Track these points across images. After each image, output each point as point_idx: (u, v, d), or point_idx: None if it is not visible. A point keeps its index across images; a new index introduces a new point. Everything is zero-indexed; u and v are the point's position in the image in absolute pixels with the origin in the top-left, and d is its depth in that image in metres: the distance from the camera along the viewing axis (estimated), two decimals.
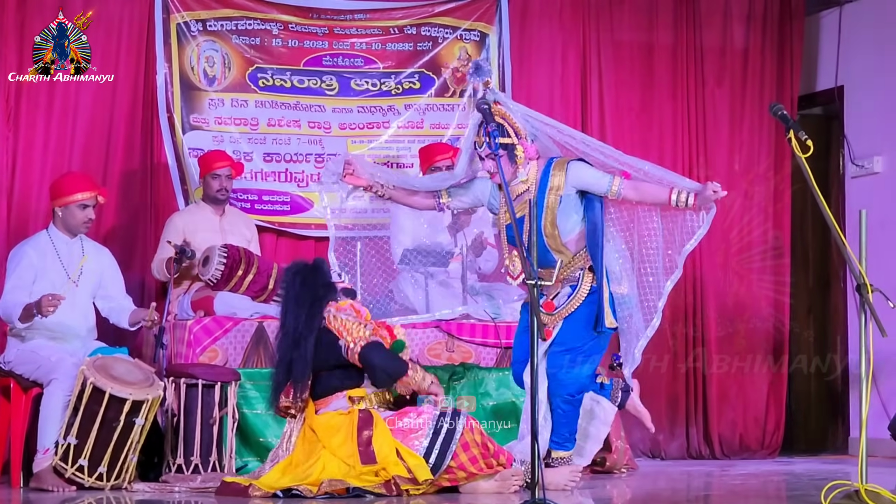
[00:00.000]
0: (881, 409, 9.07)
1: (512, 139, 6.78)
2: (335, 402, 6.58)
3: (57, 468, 6.86)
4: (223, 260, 7.92)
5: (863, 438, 5.43)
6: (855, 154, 9.86)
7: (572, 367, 6.84)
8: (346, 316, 6.61)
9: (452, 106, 9.41)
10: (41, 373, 7.15)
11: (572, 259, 6.88)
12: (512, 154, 6.77)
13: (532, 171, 6.87)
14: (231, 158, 8.58)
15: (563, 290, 6.93)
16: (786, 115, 5.77)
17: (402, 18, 9.36)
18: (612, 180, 6.81)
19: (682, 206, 6.78)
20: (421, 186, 7.29)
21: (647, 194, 6.86)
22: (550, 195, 6.81)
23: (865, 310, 5.43)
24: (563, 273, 6.89)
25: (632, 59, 9.76)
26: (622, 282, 6.94)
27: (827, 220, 5.55)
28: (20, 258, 7.41)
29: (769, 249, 9.75)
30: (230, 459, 7.26)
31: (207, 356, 7.65)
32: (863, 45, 9.84)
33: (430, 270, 8.11)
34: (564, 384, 6.85)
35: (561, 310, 6.89)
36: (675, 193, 6.77)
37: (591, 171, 6.86)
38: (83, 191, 7.49)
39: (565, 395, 6.87)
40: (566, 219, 6.85)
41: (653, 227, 6.98)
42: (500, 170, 6.37)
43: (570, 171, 6.84)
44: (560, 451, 6.93)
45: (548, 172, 6.85)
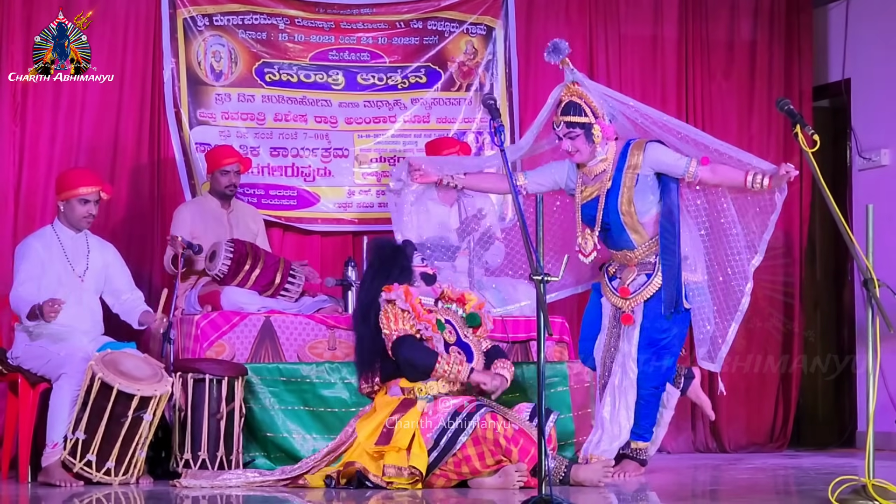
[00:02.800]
0: (888, 404, 9.07)
1: (589, 118, 6.93)
2: (392, 388, 6.80)
3: (65, 463, 6.88)
4: (230, 255, 7.94)
5: (870, 433, 5.44)
6: (862, 147, 9.85)
7: (657, 360, 6.99)
8: (394, 306, 6.77)
9: (459, 100, 9.40)
10: (49, 368, 7.16)
11: (648, 242, 6.99)
12: (589, 133, 6.95)
13: (611, 151, 7.03)
14: (239, 154, 8.57)
15: (638, 277, 7.07)
16: (792, 111, 5.79)
17: (408, 13, 9.36)
18: (690, 162, 6.94)
19: (758, 187, 6.89)
20: (489, 166, 7.38)
21: (723, 176, 7.02)
22: (627, 174, 6.94)
23: (872, 304, 5.44)
24: (638, 257, 7.01)
25: (639, 53, 9.75)
26: (696, 269, 7.05)
27: (834, 216, 5.55)
28: (27, 251, 7.41)
29: (778, 245, 9.73)
30: (237, 454, 7.27)
31: (214, 351, 7.65)
32: (870, 37, 9.82)
33: (436, 265, 8.10)
34: (649, 377, 7.04)
35: (636, 295, 7.01)
36: (751, 175, 6.91)
37: (669, 152, 7.02)
38: (85, 185, 7.48)
39: (650, 388, 7.11)
40: (643, 198, 7.02)
41: (728, 214, 7.12)
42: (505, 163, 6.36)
43: (648, 152, 7.00)
44: (640, 441, 7.15)
45: (625, 153, 7.01)
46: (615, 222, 7.06)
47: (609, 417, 7.10)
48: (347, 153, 9.22)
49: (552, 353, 8.06)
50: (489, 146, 9.29)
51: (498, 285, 8.15)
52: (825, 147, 6.45)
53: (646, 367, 7.05)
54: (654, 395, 7.12)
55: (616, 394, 7.10)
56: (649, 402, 7.12)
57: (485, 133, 9.29)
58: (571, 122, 6.98)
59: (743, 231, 7.13)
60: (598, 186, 7.05)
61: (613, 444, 7.09)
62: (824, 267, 10.49)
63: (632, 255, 7.11)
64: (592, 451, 7.09)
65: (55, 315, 6.98)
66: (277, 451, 7.54)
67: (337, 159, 9.20)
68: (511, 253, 7.97)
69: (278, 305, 8.07)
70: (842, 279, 10.37)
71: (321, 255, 9.18)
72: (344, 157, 9.22)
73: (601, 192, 7.03)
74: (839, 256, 10.35)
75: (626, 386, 7.08)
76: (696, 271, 7.11)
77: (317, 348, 7.87)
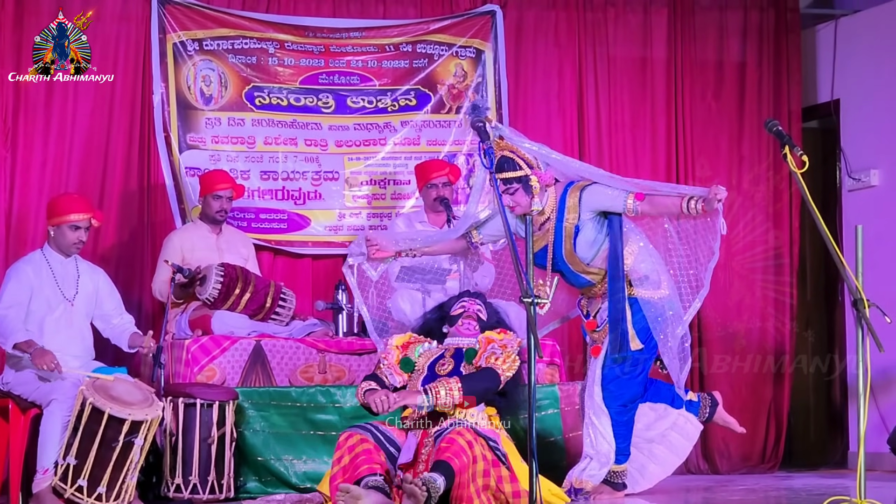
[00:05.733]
0: (880, 424, 9.07)
1: (524, 170, 6.86)
2: None
3: (56, 488, 6.85)
4: (220, 279, 7.94)
5: (861, 453, 5.43)
6: (851, 167, 9.86)
7: (622, 377, 6.98)
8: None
9: (448, 122, 9.41)
10: (40, 393, 7.13)
11: (605, 276, 6.97)
12: (527, 185, 6.87)
13: (550, 198, 6.99)
14: (233, 180, 8.57)
15: (603, 306, 7.07)
16: (781, 132, 5.80)
17: (397, 36, 9.38)
18: (627, 196, 6.90)
19: (694, 212, 6.85)
20: (445, 238, 7.43)
21: (661, 206, 6.98)
22: (567, 225, 6.92)
23: (862, 325, 5.44)
24: (600, 289, 7.07)
25: (628, 75, 9.77)
26: (660, 284, 7.03)
27: (823, 236, 5.56)
28: (17, 274, 7.38)
29: (770, 266, 9.74)
30: (229, 479, 7.25)
31: (205, 375, 7.65)
32: (859, 58, 9.84)
33: (427, 287, 8.10)
34: (616, 395, 7.02)
35: (605, 326, 7.04)
36: (686, 201, 6.85)
37: (605, 192, 6.99)
38: (76, 212, 7.45)
39: (617, 407, 7.05)
40: (588, 245, 7.01)
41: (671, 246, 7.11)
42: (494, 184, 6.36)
43: (584, 197, 6.99)
44: (615, 464, 7.09)
45: (564, 199, 6.94)
46: (566, 270, 7.09)
47: (590, 444, 7.10)
48: (338, 176, 9.23)
49: (543, 375, 8.06)
50: (479, 167, 9.30)
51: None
52: (815, 168, 6.47)
53: (609, 386, 7.03)
54: (623, 414, 7.07)
55: (590, 420, 7.12)
56: (619, 421, 7.06)
57: (475, 155, 9.29)
58: (508, 178, 6.88)
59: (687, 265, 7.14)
60: (544, 237, 7.05)
61: (602, 469, 7.08)
62: (815, 287, 10.49)
63: (595, 289, 7.16)
64: (578, 476, 7.07)
65: (45, 368, 6.98)
66: (269, 475, 7.52)
67: (327, 182, 9.21)
68: (501, 275, 7.97)
69: (269, 329, 8.07)
70: (832, 299, 10.38)
71: (313, 278, 9.18)
72: (334, 180, 9.23)
73: (548, 241, 7.03)
74: (829, 277, 10.36)
75: (596, 411, 7.07)
76: (659, 287, 7.08)
77: (307, 372, 7.87)
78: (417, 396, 6.49)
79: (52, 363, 6.97)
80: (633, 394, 7.10)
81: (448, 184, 8.57)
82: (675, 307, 7.05)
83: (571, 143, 9.53)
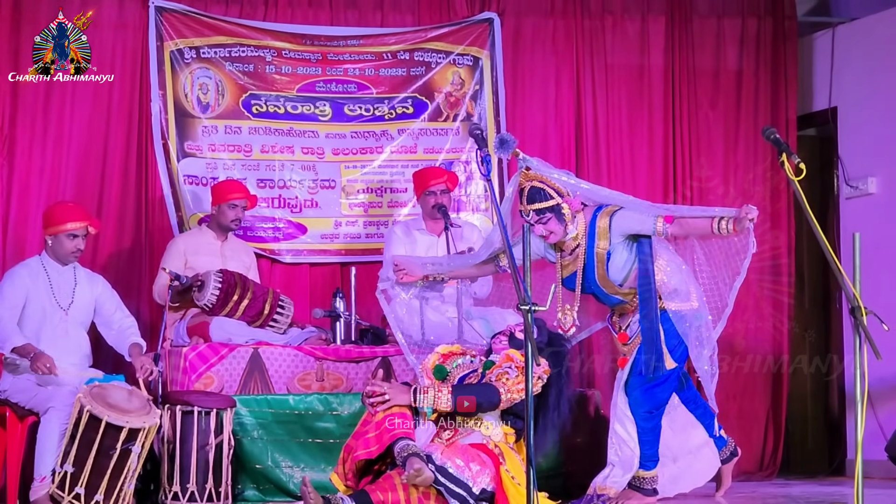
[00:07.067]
0: (878, 431, 9.06)
1: (555, 199, 6.95)
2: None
3: (54, 496, 6.84)
4: (218, 285, 7.94)
5: (859, 461, 5.43)
6: (849, 175, 9.86)
7: (647, 385, 7.10)
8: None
9: (446, 130, 9.41)
10: (37, 401, 7.13)
11: (636, 294, 7.11)
12: (560, 214, 6.96)
13: (580, 223, 7.07)
14: (247, 190, 8.56)
15: (633, 319, 7.15)
16: (778, 139, 5.80)
17: (395, 44, 9.38)
18: (657, 219, 6.98)
19: (725, 232, 6.92)
20: (470, 262, 7.47)
21: (691, 227, 7.08)
22: (598, 251, 7.01)
23: (860, 333, 5.44)
24: (633, 306, 7.19)
25: (625, 82, 9.77)
26: (690, 296, 7.08)
27: (821, 244, 5.56)
28: (13, 278, 7.38)
29: (767, 276, 9.74)
30: (226, 486, 7.24)
31: (203, 383, 7.64)
32: (856, 66, 9.85)
33: (424, 295, 8.10)
34: (641, 402, 7.12)
35: (635, 338, 7.15)
36: (716, 221, 6.90)
37: (634, 216, 7.07)
38: (73, 220, 7.45)
39: (643, 413, 7.13)
40: (619, 268, 7.10)
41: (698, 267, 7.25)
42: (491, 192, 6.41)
43: (614, 222, 7.08)
44: (643, 470, 7.20)
45: (594, 224, 7.01)
46: (599, 292, 7.21)
47: (613, 452, 7.16)
48: (334, 184, 9.23)
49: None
50: (477, 175, 9.32)
51: (486, 316, 8.15)
52: (812, 175, 6.47)
53: (634, 393, 7.11)
54: (649, 420, 7.14)
55: (613, 428, 7.18)
56: (645, 428, 7.14)
57: (472, 163, 9.30)
58: (540, 209, 6.97)
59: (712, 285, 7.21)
60: (574, 262, 7.12)
61: (625, 476, 7.13)
62: (812, 295, 10.49)
63: (627, 307, 7.25)
64: (601, 482, 7.14)
65: (44, 371, 6.98)
66: (266, 483, 7.52)
67: (324, 190, 9.21)
68: (500, 286, 7.99)
69: (266, 336, 8.06)
70: (829, 307, 10.38)
71: (310, 286, 9.18)
72: (331, 188, 9.23)
73: (577, 268, 7.10)
74: (827, 285, 10.36)
75: (620, 418, 7.14)
76: (689, 299, 7.15)
77: (305, 380, 7.87)
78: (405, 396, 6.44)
79: (48, 365, 6.96)
80: (658, 400, 7.18)
81: (446, 191, 8.56)
82: (704, 318, 7.13)
83: (569, 150, 9.54)
